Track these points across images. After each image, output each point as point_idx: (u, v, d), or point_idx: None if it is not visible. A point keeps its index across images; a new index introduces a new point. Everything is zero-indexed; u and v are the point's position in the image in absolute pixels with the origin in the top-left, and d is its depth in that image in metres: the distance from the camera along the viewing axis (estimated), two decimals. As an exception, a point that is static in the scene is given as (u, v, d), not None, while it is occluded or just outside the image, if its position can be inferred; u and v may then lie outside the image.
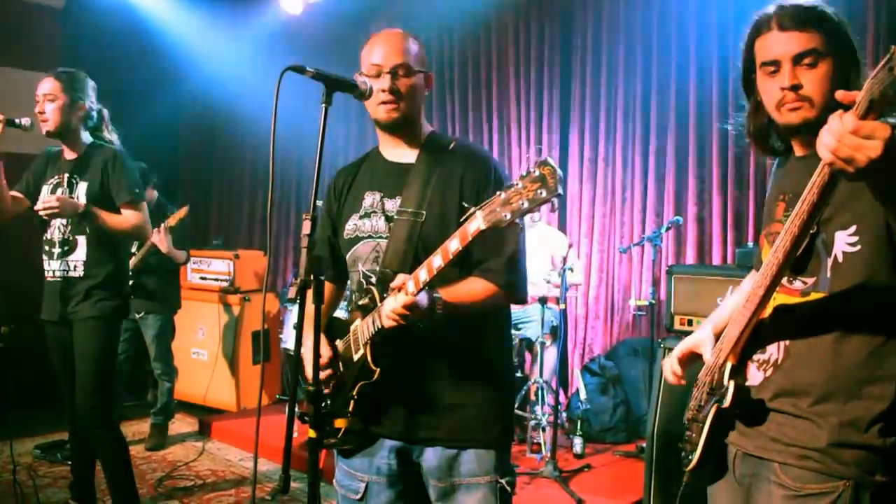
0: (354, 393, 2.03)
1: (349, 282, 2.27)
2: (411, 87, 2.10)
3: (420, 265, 1.86)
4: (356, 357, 2.07)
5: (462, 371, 2.08)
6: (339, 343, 2.17)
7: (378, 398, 2.06)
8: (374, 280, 2.06)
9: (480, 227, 1.69)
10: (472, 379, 2.09)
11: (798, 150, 1.80)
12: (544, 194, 1.60)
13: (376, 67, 2.08)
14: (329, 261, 2.30)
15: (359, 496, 2.17)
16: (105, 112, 3.75)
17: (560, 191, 1.61)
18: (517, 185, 1.63)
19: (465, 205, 1.79)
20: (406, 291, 1.83)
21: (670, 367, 2.00)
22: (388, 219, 2.12)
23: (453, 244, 1.78)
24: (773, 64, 1.70)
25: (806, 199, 1.48)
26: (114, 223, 3.54)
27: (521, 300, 2.17)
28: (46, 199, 3.41)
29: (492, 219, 1.67)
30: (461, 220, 1.77)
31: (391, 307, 1.86)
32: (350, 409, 2.06)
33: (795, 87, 1.66)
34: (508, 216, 1.64)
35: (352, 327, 2.11)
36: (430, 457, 2.09)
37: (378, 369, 2.00)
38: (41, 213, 3.40)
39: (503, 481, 2.09)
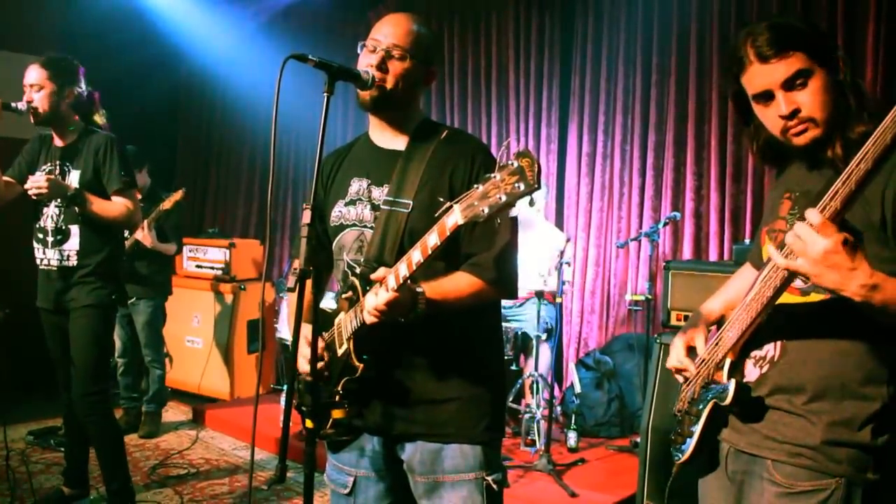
0: (339, 388, 1.99)
1: (336, 271, 2.20)
2: (405, 72, 2.02)
3: (402, 259, 1.81)
4: (340, 351, 2.02)
5: (447, 365, 2.03)
6: (324, 335, 2.12)
7: (362, 393, 2.01)
8: (357, 271, 2.01)
9: (458, 221, 1.62)
10: (457, 373, 2.03)
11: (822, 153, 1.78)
12: (522, 188, 1.54)
13: (374, 42, 2.03)
14: (321, 247, 2.19)
15: (347, 490, 2.14)
16: (96, 95, 3.71)
17: (538, 185, 1.55)
18: (495, 177, 1.57)
19: (441, 199, 1.70)
20: (387, 287, 1.78)
21: (678, 361, 1.95)
22: (374, 207, 2.06)
23: (432, 239, 1.70)
24: (764, 96, 1.69)
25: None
26: (104, 209, 3.52)
27: (511, 296, 2.10)
28: (35, 178, 3.39)
29: (469, 213, 1.60)
30: (437, 214, 1.69)
31: (372, 304, 1.80)
32: (336, 402, 2.00)
33: (795, 113, 1.65)
34: (486, 210, 1.57)
35: (336, 320, 2.07)
36: (412, 451, 2.05)
37: (361, 365, 1.95)
38: (30, 192, 3.37)
39: (489, 479, 2.03)
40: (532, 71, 6.31)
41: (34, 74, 3.49)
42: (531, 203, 1.60)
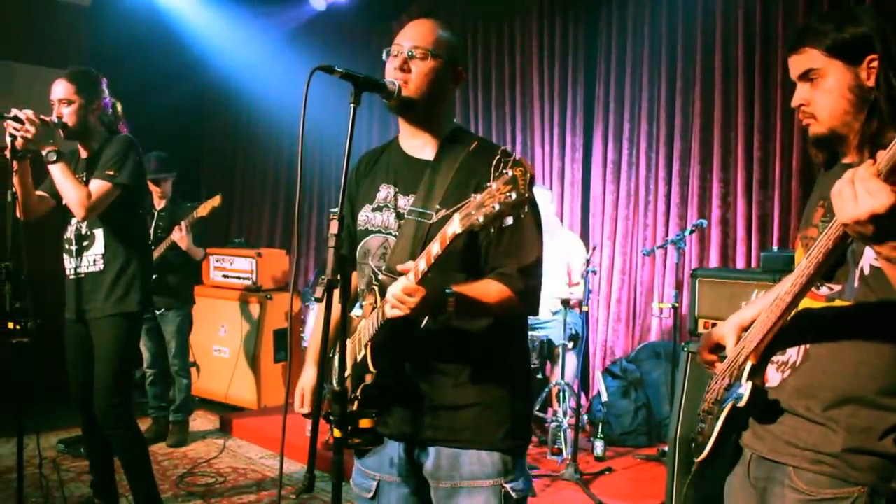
0: (358, 394, 2.00)
1: (360, 275, 2.21)
2: (428, 71, 2.03)
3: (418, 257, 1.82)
4: (359, 358, 2.04)
5: (467, 370, 2.03)
6: (348, 342, 2.14)
7: (383, 399, 2.03)
8: (379, 279, 2.02)
9: (456, 230, 1.65)
10: (477, 378, 2.03)
11: (845, 158, 1.79)
12: (514, 197, 1.55)
13: (397, 47, 2.05)
14: (350, 249, 2.23)
15: (371, 494, 2.16)
16: (119, 106, 3.74)
17: (529, 194, 1.57)
18: (491, 186, 1.59)
19: (438, 207, 1.74)
20: (407, 278, 1.79)
21: (700, 359, 2.06)
22: (399, 216, 2.08)
23: (434, 248, 1.73)
24: (796, 85, 1.78)
25: (828, 232, 1.52)
26: (65, 178, 3.37)
27: (533, 312, 2.10)
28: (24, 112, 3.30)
29: (466, 222, 1.62)
30: (434, 221, 1.73)
31: (391, 292, 1.81)
32: (354, 409, 2.01)
33: (800, 106, 1.75)
34: (481, 220, 1.59)
35: (358, 326, 2.09)
36: (431, 456, 2.05)
37: (375, 372, 1.96)
38: (12, 130, 3.27)
39: (508, 486, 2.02)
40: (556, 79, 6.30)
41: (61, 89, 3.49)
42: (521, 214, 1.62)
